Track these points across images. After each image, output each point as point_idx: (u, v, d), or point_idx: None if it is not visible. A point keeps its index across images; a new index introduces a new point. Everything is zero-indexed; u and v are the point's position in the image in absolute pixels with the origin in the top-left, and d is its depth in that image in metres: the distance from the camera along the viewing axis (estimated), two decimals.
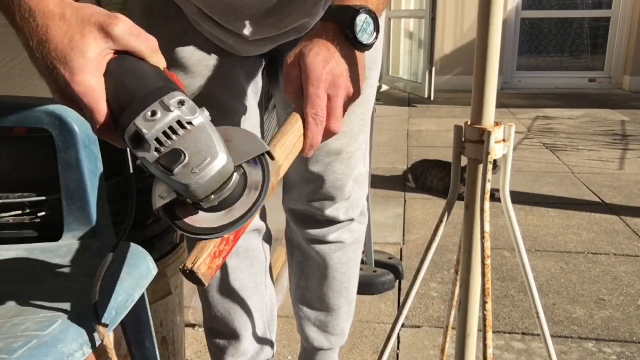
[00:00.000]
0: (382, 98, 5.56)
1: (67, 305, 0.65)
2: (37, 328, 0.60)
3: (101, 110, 0.50)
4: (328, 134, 0.63)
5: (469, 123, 0.76)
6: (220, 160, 0.48)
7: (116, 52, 0.51)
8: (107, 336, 0.63)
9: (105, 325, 0.64)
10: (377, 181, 2.94)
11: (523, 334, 1.60)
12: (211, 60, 0.90)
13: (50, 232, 0.90)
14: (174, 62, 0.89)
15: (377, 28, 0.66)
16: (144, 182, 1.07)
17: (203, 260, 0.48)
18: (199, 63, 0.89)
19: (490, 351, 0.75)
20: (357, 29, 0.64)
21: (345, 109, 0.65)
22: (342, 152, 0.98)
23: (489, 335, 0.74)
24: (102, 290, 0.69)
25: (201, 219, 0.51)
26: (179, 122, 0.48)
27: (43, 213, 0.93)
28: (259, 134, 1.03)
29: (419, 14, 5.37)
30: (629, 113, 4.82)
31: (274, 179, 0.55)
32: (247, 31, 0.85)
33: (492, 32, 0.70)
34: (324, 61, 0.62)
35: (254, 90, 0.98)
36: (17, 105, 0.90)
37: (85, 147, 0.87)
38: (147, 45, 0.52)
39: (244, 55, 0.92)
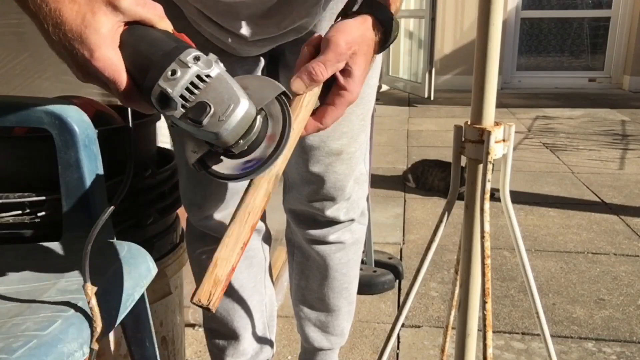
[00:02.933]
0: (382, 98, 5.56)
1: (67, 305, 0.65)
2: (37, 328, 0.60)
3: (123, 80, 0.52)
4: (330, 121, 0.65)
5: (469, 123, 0.76)
6: (243, 105, 0.51)
7: (126, 23, 0.54)
8: (94, 296, 0.63)
9: (94, 285, 0.64)
10: (377, 181, 2.94)
11: (523, 334, 1.60)
12: None
13: (50, 232, 0.90)
14: None
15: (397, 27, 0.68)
16: (143, 182, 1.07)
17: (218, 295, 0.54)
18: None
19: (490, 351, 0.75)
20: (390, 40, 0.67)
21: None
22: (343, 153, 0.98)
23: (489, 335, 0.74)
24: (102, 290, 0.69)
25: (231, 167, 0.55)
26: (198, 77, 0.50)
27: (43, 213, 0.93)
28: None
29: (419, 14, 5.37)
30: (629, 113, 4.82)
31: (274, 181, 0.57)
32: (246, 32, 0.85)
33: (492, 32, 0.70)
34: (365, 66, 0.64)
35: None
36: (17, 105, 0.90)
37: (85, 147, 0.87)
38: (154, 13, 0.55)
39: (244, 56, 0.92)
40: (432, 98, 5.21)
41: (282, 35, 0.88)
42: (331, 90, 0.64)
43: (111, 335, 0.99)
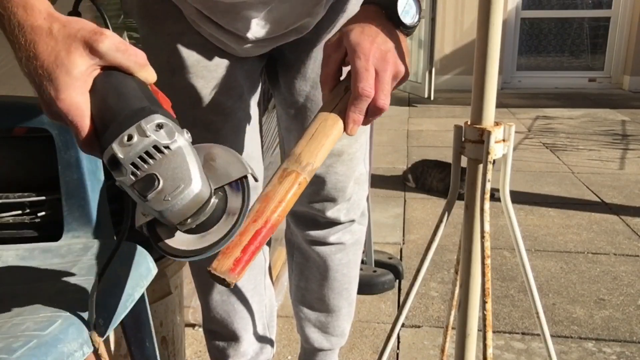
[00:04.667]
0: None
1: (67, 305, 0.65)
2: (37, 328, 0.60)
3: (84, 127, 0.50)
4: (376, 111, 0.63)
5: (469, 123, 0.76)
6: (193, 188, 0.48)
7: (103, 67, 0.51)
8: (102, 344, 0.63)
9: (101, 335, 0.64)
10: (377, 181, 2.94)
11: (523, 334, 1.60)
12: (210, 60, 0.90)
13: (50, 232, 0.90)
14: (172, 62, 0.88)
15: (419, 10, 0.66)
16: None
17: (229, 265, 0.51)
18: (198, 63, 0.89)
19: (490, 351, 0.75)
20: (400, 11, 0.65)
21: (392, 89, 0.65)
22: (344, 154, 0.98)
23: (489, 335, 0.74)
24: (102, 290, 0.69)
25: (179, 240, 0.51)
26: (155, 147, 0.47)
27: (43, 213, 0.93)
28: (258, 135, 1.03)
29: None
30: (629, 113, 4.82)
31: (307, 177, 0.56)
32: (246, 32, 0.84)
33: (492, 32, 0.70)
34: (370, 37, 0.62)
35: (252, 90, 0.98)
36: (17, 105, 0.90)
37: None
38: (134, 61, 0.52)
39: (243, 56, 0.92)
40: (432, 98, 5.21)
41: (283, 35, 0.88)
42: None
43: (111, 335, 0.99)
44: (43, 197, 0.93)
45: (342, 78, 0.67)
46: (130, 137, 0.47)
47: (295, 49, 0.92)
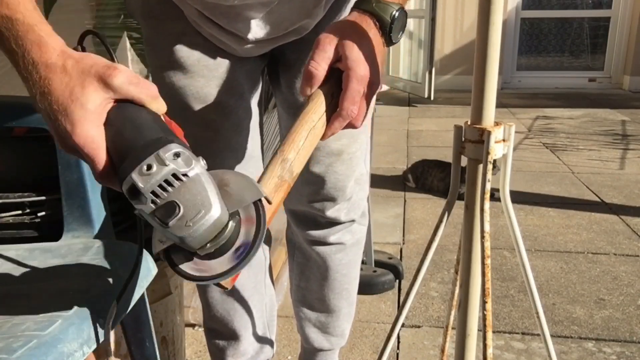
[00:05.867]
0: (382, 98, 5.56)
1: (67, 305, 0.65)
2: (37, 328, 0.60)
3: (101, 160, 0.51)
4: (349, 127, 0.66)
5: (469, 123, 0.76)
6: (214, 213, 0.48)
7: (116, 100, 0.53)
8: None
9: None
10: (377, 181, 2.94)
11: (523, 334, 1.60)
12: (211, 60, 0.90)
13: (50, 232, 0.90)
14: (173, 62, 0.89)
15: (404, 27, 0.68)
16: None
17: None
18: (198, 63, 0.89)
19: (490, 351, 0.75)
20: (393, 27, 0.66)
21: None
22: (343, 153, 0.98)
23: (489, 335, 0.74)
24: (102, 290, 0.69)
25: (198, 265, 0.52)
26: (174, 175, 0.48)
27: (43, 213, 0.93)
28: (258, 134, 1.03)
29: (419, 14, 5.38)
30: (629, 113, 4.82)
31: (290, 180, 0.57)
32: (246, 33, 0.85)
33: (492, 32, 0.70)
34: (367, 59, 0.63)
35: (253, 90, 0.98)
36: (17, 105, 0.91)
37: None
38: (146, 93, 0.54)
39: (244, 56, 0.92)
40: (432, 98, 5.21)
41: (283, 36, 0.88)
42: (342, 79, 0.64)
43: (111, 335, 0.99)
44: (43, 197, 0.93)
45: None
46: (149, 167, 0.48)
47: (296, 49, 0.92)
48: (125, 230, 1.01)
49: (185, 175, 0.49)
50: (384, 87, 6.05)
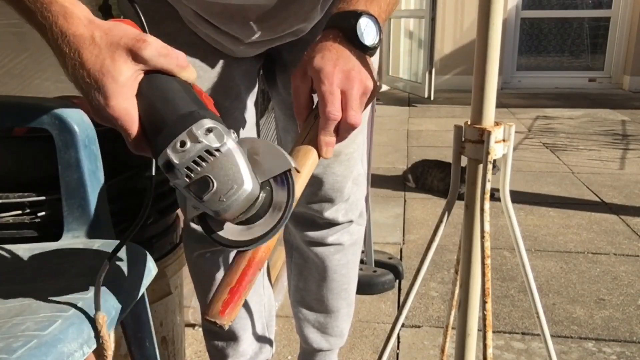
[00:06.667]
0: (382, 98, 5.56)
1: (67, 305, 0.65)
2: (37, 328, 0.60)
3: (134, 131, 0.52)
4: (347, 128, 0.64)
5: (469, 123, 0.76)
6: (246, 187, 0.51)
7: (146, 71, 0.53)
8: (105, 325, 0.63)
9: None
10: (377, 181, 2.94)
11: (523, 334, 1.60)
12: (206, 60, 0.90)
13: (50, 232, 0.90)
14: None
15: (379, 31, 0.67)
16: (142, 182, 1.07)
17: (217, 309, 0.54)
18: (194, 63, 0.89)
19: (490, 351, 0.75)
20: (360, 32, 0.65)
21: (364, 104, 0.66)
22: (341, 154, 0.98)
23: (489, 335, 0.74)
24: (102, 290, 0.69)
25: (230, 231, 0.54)
26: (207, 151, 0.50)
27: (43, 213, 0.93)
28: (255, 134, 1.03)
29: (419, 14, 5.37)
30: (629, 113, 4.82)
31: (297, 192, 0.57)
32: (242, 34, 0.84)
33: (492, 32, 0.70)
34: (331, 60, 0.63)
35: (249, 91, 0.98)
36: (17, 105, 0.90)
37: (85, 147, 0.87)
38: (176, 64, 0.54)
39: (240, 56, 0.92)
40: (432, 98, 5.21)
41: (279, 37, 0.88)
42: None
43: (111, 335, 0.99)
44: (43, 197, 0.93)
45: (313, 106, 0.68)
46: (183, 143, 0.49)
47: (293, 50, 0.92)
48: (125, 230, 1.01)
49: (217, 150, 0.50)
50: (384, 87, 6.05)
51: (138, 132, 0.52)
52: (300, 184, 0.61)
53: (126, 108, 0.51)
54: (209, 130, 0.50)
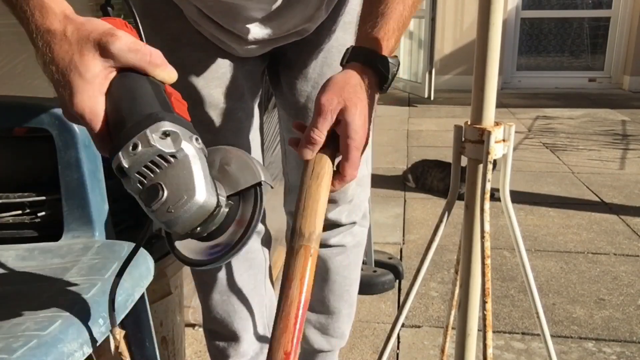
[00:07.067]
0: (382, 98, 5.53)
1: (67, 305, 0.65)
2: (37, 328, 0.60)
3: (97, 130, 0.50)
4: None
5: (469, 123, 0.76)
6: (198, 199, 0.46)
7: (120, 69, 0.51)
8: (122, 340, 0.63)
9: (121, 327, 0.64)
10: (377, 181, 2.94)
11: (523, 334, 1.60)
12: (210, 60, 0.90)
13: (50, 232, 0.90)
14: (172, 62, 0.88)
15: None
16: None
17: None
18: (198, 63, 0.89)
19: (490, 351, 0.75)
20: (390, 83, 0.67)
21: None
22: None
23: (489, 335, 0.74)
24: (102, 290, 0.69)
25: (191, 247, 0.51)
26: (161, 156, 0.46)
27: (43, 213, 0.93)
28: (258, 135, 1.03)
29: (419, 14, 5.37)
30: (629, 113, 4.82)
31: (315, 245, 0.56)
32: (246, 33, 0.84)
33: (492, 32, 0.70)
34: (364, 124, 0.64)
35: (253, 90, 0.97)
36: (17, 105, 0.91)
37: (85, 147, 0.87)
38: (148, 61, 0.51)
39: (244, 56, 0.92)
40: (432, 98, 5.21)
41: (284, 37, 0.88)
42: (340, 144, 0.65)
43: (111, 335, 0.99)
44: (43, 197, 0.93)
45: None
46: (135, 146, 0.46)
47: (297, 50, 0.92)
48: (125, 230, 1.01)
49: (173, 156, 0.46)
50: None
51: (101, 132, 0.50)
52: (319, 218, 0.59)
53: (90, 107, 0.49)
54: (166, 134, 0.46)
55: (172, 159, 0.46)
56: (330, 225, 1.06)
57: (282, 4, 0.80)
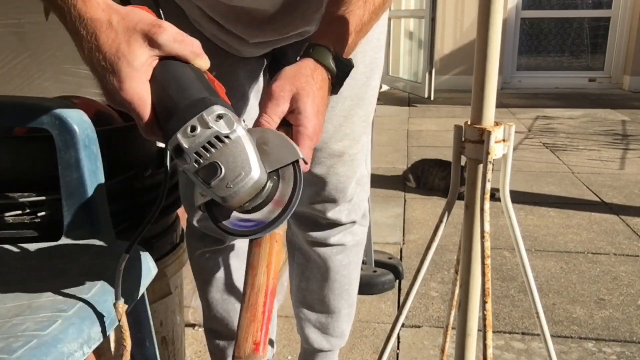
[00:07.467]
0: (382, 98, 5.56)
1: (67, 305, 0.65)
2: (37, 328, 0.60)
3: (146, 115, 0.53)
4: None
5: (469, 123, 0.76)
6: (254, 175, 0.51)
7: (161, 57, 0.54)
8: (124, 314, 0.64)
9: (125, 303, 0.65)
10: (377, 181, 2.94)
11: (523, 334, 1.60)
12: (212, 60, 0.89)
13: (50, 232, 0.90)
14: None
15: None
16: (143, 182, 1.07)
17: (251, 348, 0.52)
18: None
19: (490, 351, 0.75)
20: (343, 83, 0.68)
21: None
22: (345, 154, 0.98)
23: (489, 335, 0.74)
24: (102, 290, 0.69)
25: (238, 220, 0.55)
26: (217, 137, 0.51)
27: (43, 213, 0.93)
28: None
29: (419, 14, 5.37)
30: (629, 113, 4.82)
31: (279, 231, 0.57)
32: (248, 34, 0.85)
33: (492, 32, 0.70)
34: (317, 114, 0.64)
35: (255, 90, 0.98)
36: (17, 105, 0.90)
37: (85, 147, 0.87)
38: (190, 50, 0.55)
39: (246, 56, 0.92)
40: (432, 98, 5.21)
41: (284, 38, 0.88)
42: (292, 133, 0.64)
43: (111, 335, 0.99)
44: (43, 197, 0.93)
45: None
46: (193, 128, 0.50)
47: (298, 50, 0.92)
48: (125, 230, 1.01)
49: (227, 137, 0.51)
50: (384, 87, 6.05)
51: (150, 117, 0.53)
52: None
53: (139, 93, 0.52)
54: (220, 116, 0.51)
55: (226, 140, 0.51)
56: (329, 224, 1.06)
57: (283, 7, 0.81)
